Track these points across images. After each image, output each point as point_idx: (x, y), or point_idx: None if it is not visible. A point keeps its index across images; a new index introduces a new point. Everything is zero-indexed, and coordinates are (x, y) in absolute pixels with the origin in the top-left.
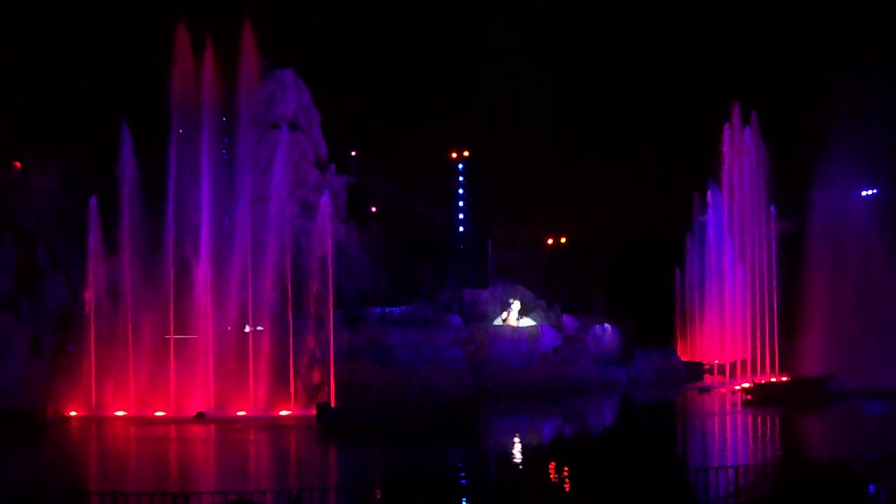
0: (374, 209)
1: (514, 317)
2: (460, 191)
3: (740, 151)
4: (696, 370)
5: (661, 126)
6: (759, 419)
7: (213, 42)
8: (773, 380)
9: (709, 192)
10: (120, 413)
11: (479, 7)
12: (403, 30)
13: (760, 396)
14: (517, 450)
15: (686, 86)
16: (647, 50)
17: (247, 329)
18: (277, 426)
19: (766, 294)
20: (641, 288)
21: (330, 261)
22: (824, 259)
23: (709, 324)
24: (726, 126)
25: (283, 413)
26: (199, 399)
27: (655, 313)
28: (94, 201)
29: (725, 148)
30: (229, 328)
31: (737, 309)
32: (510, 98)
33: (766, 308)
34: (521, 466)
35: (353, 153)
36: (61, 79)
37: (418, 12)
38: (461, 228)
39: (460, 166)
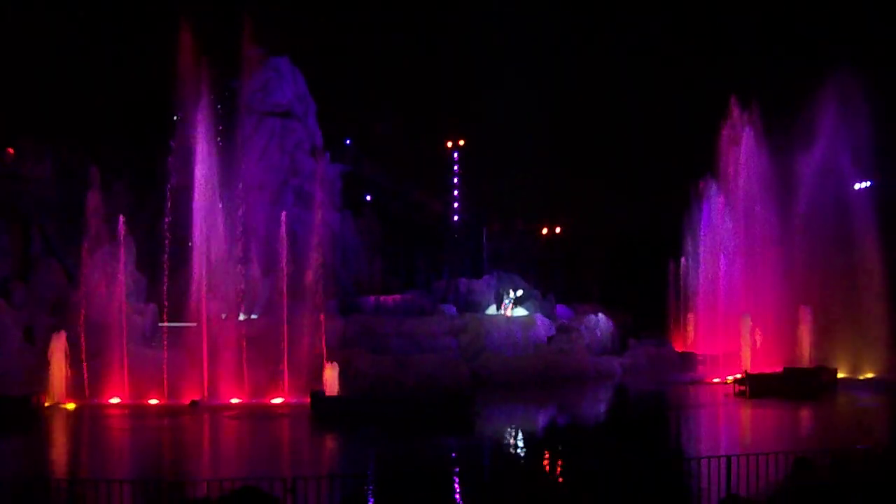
0: (369, 198)
1: (509, 307)
2: (456, 180)
3: (737, 142)
4: (690, 360)
5: (659, 115)
6: (752, 410)
7: (211, 28)
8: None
9: (704, 185)
10: (114, 401)
11: None
12: (400, 18)
13: (754, 387)
14: (511, 439)
15: (683, 77)
16: (643, 41)
17: (241, 317)
18: (271, 414)
19: (760, 284)
20: (636, 278)
21: (325, 249)
22: (817, 249)
23: (703, 314)
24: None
25: (277, 401)
26: (194, 387)
27: (650, 304)
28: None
29: (724, 137)
30: (224, 316)
31: (731, 299)
32: (507, 87)
33: (760, 298)
34: (514, 456)
35: (349, 142)
36: (56, 66)
37: (415, 1)
38: (457, 218)
39: (456, 155)
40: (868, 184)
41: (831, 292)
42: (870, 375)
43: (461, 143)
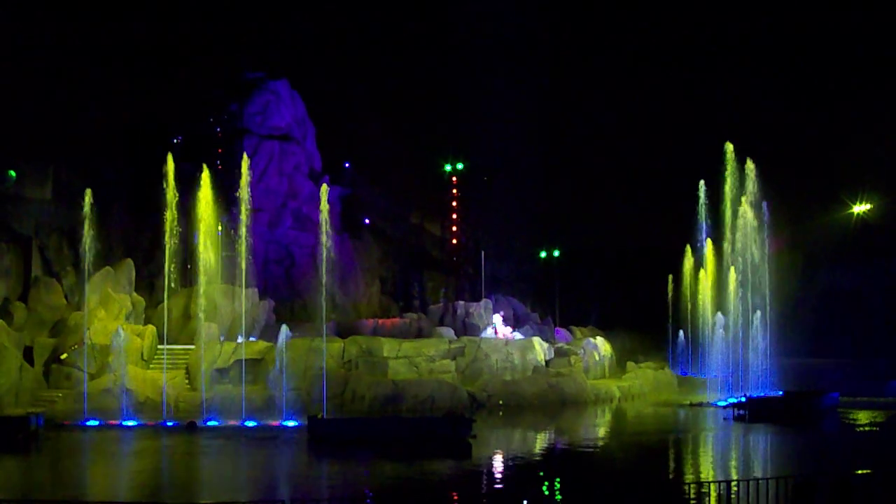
0: (367, 221)
1: (501, 329)
2: (454, 203)
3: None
4: (689, 384)
5: (656, 140)
6: (752, 433)
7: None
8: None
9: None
10: (113, 422)
11: (477, 23)
12: (400, 42)
13: (754, 411)
14: (509, 463)
15: (678, 102)
16: (640, 66)
17: (239, 339)
18: (269, 437)
19: (759, 309)
20: (634, 301)
21: (323, 272)
22: (815, 274)
23: (702, 338)
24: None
25: (275, 424)
26: (192, 409)
27: (649, 327)
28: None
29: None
30: (222, 338)
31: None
32: (505, 111)
33: (759, 323)
34: (512, 480)
35: (348, 165)
36: (56, 91)
37: (415, 25)
38: (455, 241)
39: (454, 178)
40: (868, 206)
41: (830, 318)
42: (869, 400)
43: (460, 166)
